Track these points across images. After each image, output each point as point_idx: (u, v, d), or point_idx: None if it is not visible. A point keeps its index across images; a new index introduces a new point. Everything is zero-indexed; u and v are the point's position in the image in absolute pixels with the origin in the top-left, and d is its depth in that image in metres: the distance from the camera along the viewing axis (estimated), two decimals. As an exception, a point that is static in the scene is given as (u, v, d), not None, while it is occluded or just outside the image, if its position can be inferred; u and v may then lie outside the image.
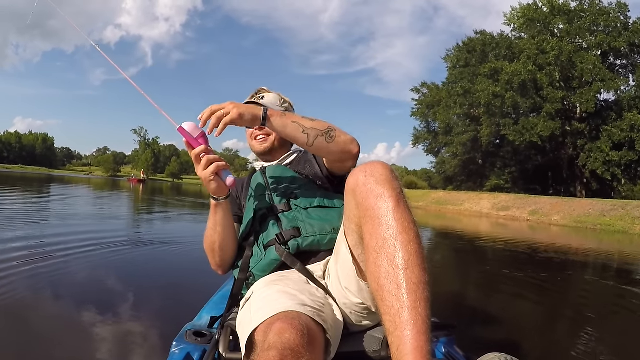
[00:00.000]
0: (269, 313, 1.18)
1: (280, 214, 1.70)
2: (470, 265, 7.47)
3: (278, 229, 1.64)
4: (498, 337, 3.13)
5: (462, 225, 19.54)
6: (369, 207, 1.13)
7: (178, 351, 1.61)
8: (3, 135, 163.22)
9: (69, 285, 4.12)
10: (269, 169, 1.94)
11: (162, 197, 25.99)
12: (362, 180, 1.17)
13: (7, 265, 4.34)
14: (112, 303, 3.57)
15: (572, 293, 5.53)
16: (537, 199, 32.58)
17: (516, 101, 40.94)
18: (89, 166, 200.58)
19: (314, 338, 1.14)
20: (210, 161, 1.56)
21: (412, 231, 1.08)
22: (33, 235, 6.46)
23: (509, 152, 47.39)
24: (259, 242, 1.66)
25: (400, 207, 1.10)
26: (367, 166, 1.20)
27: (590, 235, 18.78)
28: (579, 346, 3.13)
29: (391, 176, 1.16)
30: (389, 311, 1.02)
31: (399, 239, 1.06)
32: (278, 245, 1.60)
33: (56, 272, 4.46)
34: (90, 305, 3.46)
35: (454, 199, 40.19)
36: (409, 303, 1.00)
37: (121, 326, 3.01)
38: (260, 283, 1.52)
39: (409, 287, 1.01)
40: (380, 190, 1.13)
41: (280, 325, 1.08)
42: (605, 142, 38.35)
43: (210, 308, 2.08)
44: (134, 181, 60.69)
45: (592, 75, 38.98)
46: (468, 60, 48.14)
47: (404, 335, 0.97)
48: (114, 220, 10.82)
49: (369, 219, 1.13)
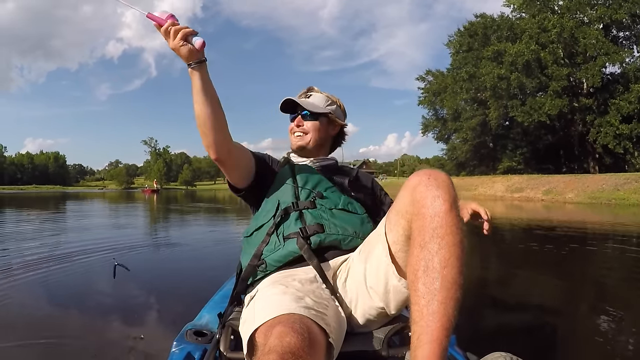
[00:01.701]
0: (271, 314, 1.20)
1: (305, 210, 1.72)
2: (478, 253, 7.12)
3: (301, 224, 1.66)
4: (502, 334, 2.98)
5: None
6: (424, 205, 1.18)
7: (178, 351, 1.63)
8: (15, 157, 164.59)
9: (71, 286, 4.46)
10: (299, 165, 1.95)
11: (174, 204, 26.23)
12: (424, 181, 1.22)
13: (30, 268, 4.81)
14: (113, 303, 3.76)
15: (589, 278, 5.29)
16: (550, 178, 32.56)
17: (522, 82, 40.77)
18: (102, 180, 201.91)
19: (315, 341, 1.15)
20: (177, 30, 1.57)
21: (458, 235, 1.14)
22: (51, 245, 7.06)
23: (518, 133, 47.14)
24: (279, 233, 1.66)
25: (452, 211, 1.16)
26: (432, 171, 1.26)
27: (605, 210, 18.85)
28: (595, 343, 2.83)
29: (451, 185, 1.22)
30: (419, 301, 1.08)
31: (445, 239, 1.12)
32: (301, 238, 1.61)
33: (64, 274, 4.91)
34: (91, 306, 3.69)
35: (467, 184, 40.11)
36: (439, 298, 1.05)
37: (122, 326, 3.15)
38: (266, 281, 1.54)
39: (443, 284, 1.07)
40: (438, 192, 1.18)
41: (281, 329, 1.10)
42: (614, 115, 38.20)
43: (211, 308, 2.08)
44: (147, 192, 61.25)
45: (596, 49, 38.75)
46: (470, 45, 47.97)
47: (428, 326, 1.02)
48: (125, 229, 11.33)
49: (421, 216, 1.18)
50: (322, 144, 2.06)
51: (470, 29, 48.30)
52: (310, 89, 2.12)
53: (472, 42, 47.76)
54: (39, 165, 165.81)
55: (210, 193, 62.52)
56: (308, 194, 1.79)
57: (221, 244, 7.94)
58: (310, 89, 2.12)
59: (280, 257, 1.59)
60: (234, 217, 15.19)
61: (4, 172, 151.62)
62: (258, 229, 1.74)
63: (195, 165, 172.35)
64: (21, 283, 4.47)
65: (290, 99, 2.00)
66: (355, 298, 1.48)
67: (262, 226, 1.73)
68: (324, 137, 2.05)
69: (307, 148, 2.02)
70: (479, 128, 48.87)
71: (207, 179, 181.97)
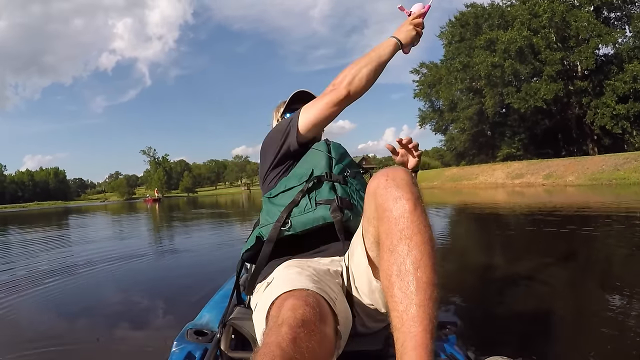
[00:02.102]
0: (286, 288, 1.22)
1: (337, 183, 1.71)
2: (481, 246, 7.12)
3: (334, 194, 1.65)
4: (504, 334, 2.84)
5: (478, 199, 19.59)
6: (387, 208, 1.16)
7: (179, 350, 1.63)
8: (15, 175, 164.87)
9: (74, 293, 4.52)
10: (333, 143, 1.93)
11: (176, 212, 26.06)
12: (383, 183, 1.20)
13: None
14: (114, 303, 3.82)
15: (594, 262, 5.10)
16: (549, 162, 32.62)
17: (516, 68, 40.84)
18: (104, 193, 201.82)
19: (326, 317, 1.16)
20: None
21: (426, 233, 1.12)
22: (55, 259, 7.06)
23: (516, 120, 47.22)
24: (311, 197, 1.65)
25: (417, 210, 1.14)
26: (389, 170, 1.23)
27: (607, 191, 18.89)
28: (602, 344, 2.57)
29: (411, 181, 1.20)
30: (397, 307, 1.05)
31: (413, 240, 1.10)
32: (335, 205, 1.60)
33: (67, 284, 4.97)
34: (92, 306, 3.77)
35: (467, 173, 40.27)
36: (417, 301, 1.03)
37: (123, 326, 3.19)
38: (281, 267, 1.52)
39: (418, 286, 1.04)
40: (399, 193, 1.16)
41: (294, 302, 1.11)
42: (610, 96, 38.23)
43: (211, 307, 2.08)
44: (149, 201, 61.18)
45: (588, 31, 38.77)
46: (463, 35, 48.06)
47: (409, 332, 1.00)
48: (127, 237, 11.71)
49: (386, 219, 1.16)
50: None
51: (462, 19, 48.38)
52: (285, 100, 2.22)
53: (464, 32, 47.86)
54: (39, 181, 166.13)
55: (212, 198, 62.42)
56: (341, 169, 1.79)
57: (221, 246, 8.01)
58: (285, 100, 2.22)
59: (309, 220, 1.59)
60: (234, 220, 15.27)
61: (5, 191, 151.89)
62: (285, 190, 1.74)
63: (195, 171, 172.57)
64: (27, 294, 4.53)
65: (306, 91, 2.11)
66: (353, 295, 1.49)
67: (292, 188, 1.72)
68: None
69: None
70: (475, 117, 48.98)
71: (207, 184, 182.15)
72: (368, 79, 1.76)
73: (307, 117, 1.78)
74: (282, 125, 1.86)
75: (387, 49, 1.82)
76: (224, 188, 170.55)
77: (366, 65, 1.76)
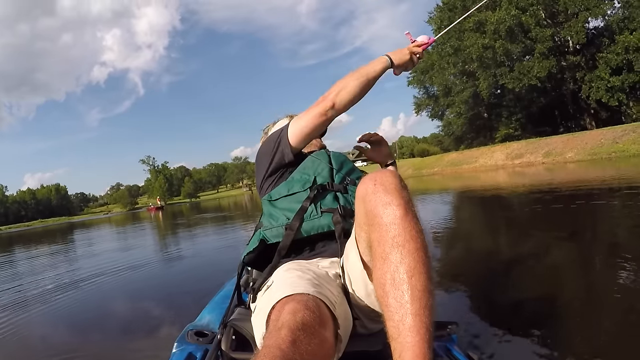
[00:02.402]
0: (286, 292, 1.21)
1: (339, 193, 1.75)
2: (480, 235, 6.79)
3: (337, 203, 1.70)
4: (505, 334, 2.69)
5: (479, 182, 19.59)
6: (377, 215, 1.14)
7: (180, 351, 1.63)
8: (17, 194, 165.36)
9: (80, 302, 4.60)
10: (333, 153, 1.99)
11: (178, 219, 26.31)
12: (371, 188, 1.18)
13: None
14: (114, 304, 3.89)
15: (599, 239, 4.96)
16: (548, 140, 32.56)
17: (507, 48, 40.64)
18: (106, 205, 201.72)
19: (326, 321, 1.15)
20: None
21: (418, 240, 1.09)
22: (61, 274, 7.13)
23: (511, 100, 47.18)
24: (316, 204, 1.68)
25: (407, 215, 1.11)
26: (377, 174, 1.21)
27: (607, 164, 18.85)
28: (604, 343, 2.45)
29: (400, 185, 1.18)
30: (392, 317, 1.04)
31: (406, 247, 1.08)
32: (338, 215, 1.63)
33: (72, 297, 5.03)
34: (92, 306, 3.85)
35: (467, 157, 40.25)
36: (413, 310, 1.01)
37: (123, 327, 3.22)
38: (281, 269, 1.52)
39: (413, 295, 1.03)
40: (388, 198, 1.14)
41: (295, 305, 1.11)
42: (604, 69, 38.01)
43: (212, 308, 2.08)
44: (152, 210, 61.55)
45: (576, 5, 38.46)
46: (451, 19, 47.78)
47: (406, 342, 0.98)
48: (134, 248, 11.75)
49: (376, 226, 1.14)
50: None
51: (449, 3, 48.10)
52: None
53: (452, 16, 47.55)
54: (41, 199, 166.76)
55: (215, 202, 62.55)
56: (342, 178, 1.83)
57: (221, 247, 8.06)
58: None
59: (314, 226, 1.64)
60: (236, 222, 15.31)
61: (8, 211, 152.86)
62: (288, 195, 1.76)
63: (195, 177, 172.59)
64: (36, 311, 4.56)
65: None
66: (351, 297, 1.48)
67: (296, 194, 1.75)
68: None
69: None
70: (471, 100, 48.94)
71: (209, 188, 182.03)
72: (355, 92, 1.77)
73: (296, 127, 1.80)
74: (274, 135, 1.88)
75: (377, 67, 1.84)
76: (225, 191, 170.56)
77: (354, 80, 1.77)
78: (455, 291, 3.62)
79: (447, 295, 3.46)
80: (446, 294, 3.46)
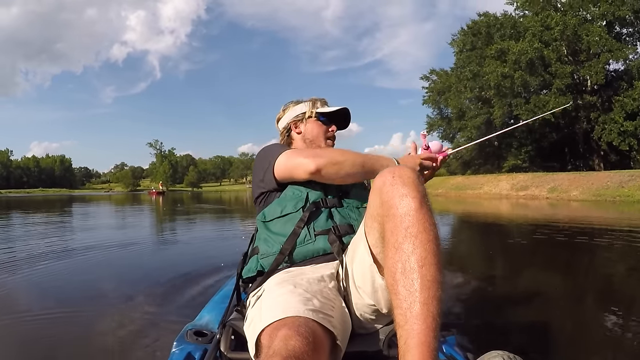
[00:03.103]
0: (277, 315, 1.20)
1: (333, 209, 1.75)
2: (481, 252, 7.20)
3: (332, 222, 1.69)
4: (503, 334, 2.87)
5: (482, 209, 19.56)
6: (393, 206, 1.16)
7: (179, 351, 1.62)
8: (21, 160, 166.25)
9: (73, 284, 4.58)
10: None
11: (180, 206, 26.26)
12: (389, 180, 1.20)
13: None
14: (113, 304, 3.77)
15: (595, 274, 5.15)
16: (554, 175, 32.55)
17: (525, 80, 40.70)
18: (109, 183, 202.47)
19: (320, 345, 1.15)
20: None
21: (431, 232, 1.12)
22: (54, 244, 7.19)
23: (523, 132, 47.06)
24: (309, 227, 1.67)
25: (422, 208, 1.14)
26: (396, 169, 1.24)
27: (610, 207, 18.81)
28: (600, 339, 2.76)
29: (417, 180, 1.20)
30: (401, 305, 1.05)
31: (419, 238, 1.09)
32: (333, 235, 1.63)
33: (64, 271, 5.11)
34: (92, 306, 3.70)
35: (472, 183, 40.11)
36: (421, 299, 1.02)
37: (122, 326, 3.13)
38: (273, 280, 1.52)
39: (422, 284, 1.04)
40: (405, 190, 1.16)
41: (287, 332, 1.10)
42: (619, 112, 38.07)
43: (211, 308, 2.08)
44: (153, 194, 61.53)
45: (599, 46, 38.64)
46: (474, 44, 47.98)
47: (412, 329, 1.00)
48: (127, 228, 11.83)
49: (391, 217, 1.16)
50: None
51: (474, 28, 48.30)
52: (325, 101, 2.17)
53: (475, 40, 47.79)
54: (45, 168, 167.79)
55: (216, 194, 62.68)
56: (334, 192, 1.82)
57: (222, 245, 7.99)
58: (325, 101, 2.17)
59: (309, 251, 1.62)
60: (236, 217, 15.29)
61: (11, 175, 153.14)
62: (281, 216, 1.74)
63: (200, 167, 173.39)
64: (24, 279, 4.66)
65: (347, 110, 2.11)
66: (353, 296, 1.49)
67: (288, 215, 1.73)
68: None
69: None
70: (483, 127, 48.83)
71: (212, 180, 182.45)
72: (345, 174, 1.72)
73: (284, 164, 1.77)
74: (268, 155, 1.86)
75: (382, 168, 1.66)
76: (228, 185, 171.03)
77: (353, 167, 1.72)
78: (454, 294, 3.73)
79: (445, 291, 3.55)
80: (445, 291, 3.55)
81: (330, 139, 2.08)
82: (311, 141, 2.07)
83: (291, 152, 1.78)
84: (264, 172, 1.83)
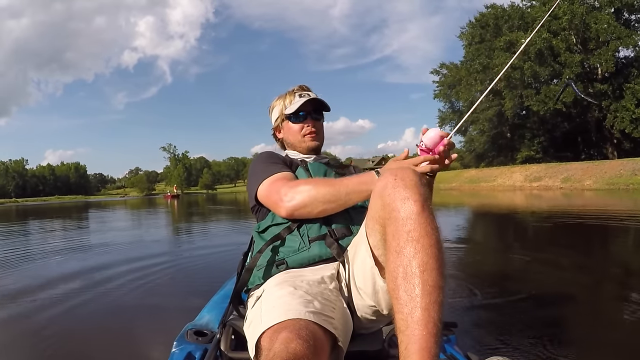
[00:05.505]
0: (278, 317, 1.18)
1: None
2: (488, 248, 7.02)
3: (327, 228, 1.63)
4: (505, 335, 2.73)
5: (495, 202, 19.57)
6: (395, 209, 1.14)
7: (179, 351, 1.62)
8: (37, 169, 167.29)
9: (73, 284, 4.70)
10: (312, 164, 1.89)
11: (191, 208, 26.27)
12: (391, 182, 1.18)
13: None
14: (113, 303, 3.86)
15: (606, 271, 4.86)
16: (568, 165, 32.66)
17: (535, 70, 40.73)
18: (124, 188, 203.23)
19: (320, 348, 1.13)
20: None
21: (433, 236, 1.10)
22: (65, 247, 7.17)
23: (535, 122, 46.96)
24: (302, 233, 1.62)
25: (424, 211, 1.12)
26: (398, 171, 1.21)
27: (624, 195, 18.97)
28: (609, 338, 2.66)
29: (419, 182, 1.17)
30: (402, 310, 1.04)
31: (421, 242, 1.08)
32: (330, 239, 1.58)
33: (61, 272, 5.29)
34: (91, 306, 3.80)
35: (486, 175, 40.33)
36: (422, 304, 1.01)
37: (122, 326, 3.19)
38: (273, 280, 1.50)
39: (424, 289, 1.03)
40: (407, 193, 1.14)
41: (287, 335, 1.08)
42: (630, 99, 37.98)
43: (211, 307, 2.08)
44: (168, 197, 62.17)
45: (608, 34, 38.55)
46: (483, 36, 47.91)
47: (413, 335, 0.99)
48: (130, 232, 12.12)
49: (393, 220, 1.14)
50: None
51: (482, 20, 48.26)
52: (306, 87, 2.06)
53: (484, 33, 47.72)
54: (60, 176, 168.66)
55: (231, 196, 62.93)
56: None
57: (222, 245, 7.90)
58: (306, 87, 2.06)
59: (304, 259, 1.57)
60: (245, 217, 15.08)
61: (27, 184, 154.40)
62: (275, 225, 1.70)
63: (215, 169, 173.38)
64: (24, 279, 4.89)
65: (319, 99, 1.96)
66: (353, 297, 1.48)
67: (279, 225, 1.69)
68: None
69: (319, 148, 2.02)
70: (495, 119, 48.82)
71: (227, 182, 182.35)
72: (321, 211, 1.60)
73: (264, 196, 1.74)
74: (254, 176, 1.83)
75: (360, 195, 1.56)
76: (242, 185, 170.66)
77: (326, 200, 1.58)
78: (455, 293, 3.77)
79: (447, 296, 3.68)
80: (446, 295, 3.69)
81: (309, 135, 1.97)
82: (293, 144, 2.02)
83: (270, 184, 1.71)
84: (252, 193, 1.81)
